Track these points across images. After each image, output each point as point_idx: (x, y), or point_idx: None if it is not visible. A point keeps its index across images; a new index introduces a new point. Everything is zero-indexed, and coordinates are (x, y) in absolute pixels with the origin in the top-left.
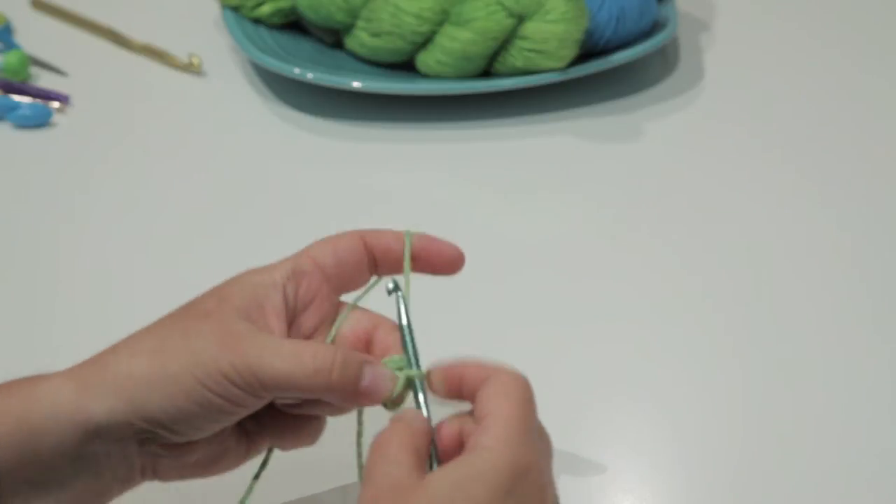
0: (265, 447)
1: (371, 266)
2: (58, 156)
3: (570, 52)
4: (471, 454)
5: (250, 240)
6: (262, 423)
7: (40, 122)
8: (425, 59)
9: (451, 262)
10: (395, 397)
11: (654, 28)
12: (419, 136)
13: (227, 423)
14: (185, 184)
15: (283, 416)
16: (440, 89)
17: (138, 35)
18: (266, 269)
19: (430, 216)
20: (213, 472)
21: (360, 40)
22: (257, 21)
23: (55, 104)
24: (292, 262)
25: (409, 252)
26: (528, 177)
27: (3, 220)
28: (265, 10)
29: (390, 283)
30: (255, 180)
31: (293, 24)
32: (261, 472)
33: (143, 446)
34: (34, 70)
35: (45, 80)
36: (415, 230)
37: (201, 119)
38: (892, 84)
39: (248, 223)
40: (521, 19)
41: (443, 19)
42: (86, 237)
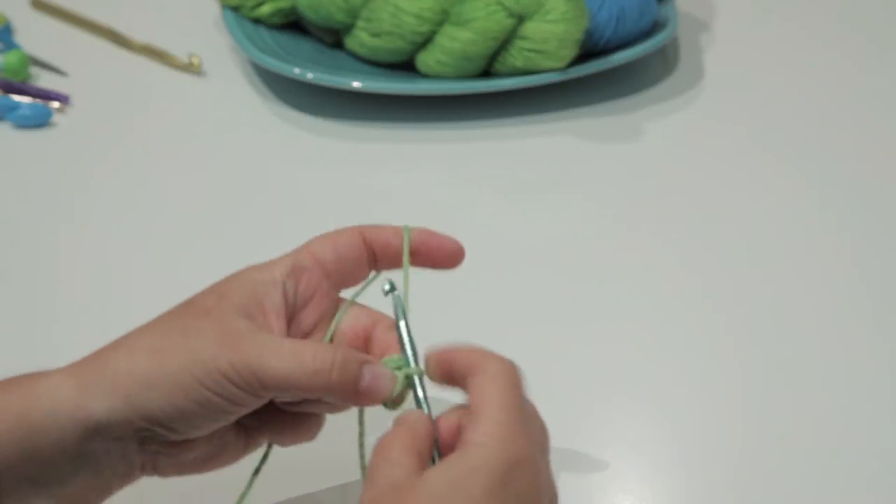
0: (264, 442)
1: (371, 261)
2: (58, 156)
3: (570, 52)
4: (464, 451)
5: (250, 240)
6: (261, 419)
7: (40, 122)
8: (425, 59)
9: (451, 256)
10: (395, 397)
11: (654, 28)
12: (419, 136)
13: (227, 421)
14: (185, 184)
15: (281, 413)
16: (440, 89)
17: (138, 35)
18: (266, 265)
19: (430, 216)
20: (211, 468)
21: (360, 40)
22: (257, 21)
23: (55, 104)
24: (292, 258)
25: (407, 247)
26: (528, 177)
27: (3, 220)
28: (265, 10)
29: (386, 285)
30: (255, 180)
31: (293, 24)
32: (260, 467)
33: (142, 444)
34: (34, 70)
35: (45, 80)
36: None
37: (201, 119)
38: (892, 84)
39: (248, 223)
40: (521, 19)
41: (443, 19)
42: (86, 237)
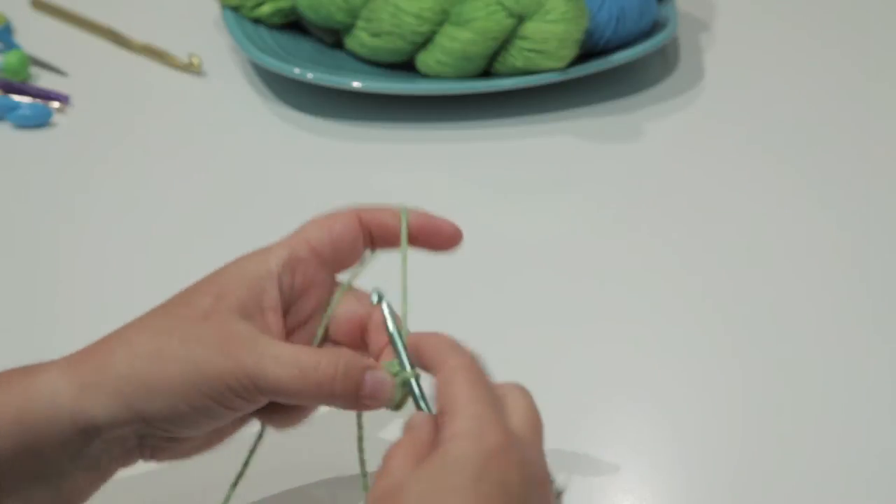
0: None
1: (367, 242)
2: (58, 156)
3: (570, 52)
4: (440, 448)
5: (250, 240)
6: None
7: (40, 122)
8: (425, 59)
9: (449, 239)
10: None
11: (654, 28)
12: (419, 136)
13: (226, 421)
14: (185, 184)
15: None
16: (440, 89)
17: (138, 35)
18: (261, 254)
19: None
20: (206, 451)
21: (360, 40)
22: (257, 21)
23: (55, 104)
24: (287, 248)
25: (405, 229)
26: (528, 177)
27: (3, 220)
28: (265, 10)
29: (374, 296)
30: (255, 180)
31: (293, 24)
32: (252, 452)
33: (141, 440)
34: (34, 70)
35: (45, 80)
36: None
37: (201, 119)
38: (892, 84)
39: (248, 223)
40: (521, 19)
41: (443, 19)
42: (86, 237)
